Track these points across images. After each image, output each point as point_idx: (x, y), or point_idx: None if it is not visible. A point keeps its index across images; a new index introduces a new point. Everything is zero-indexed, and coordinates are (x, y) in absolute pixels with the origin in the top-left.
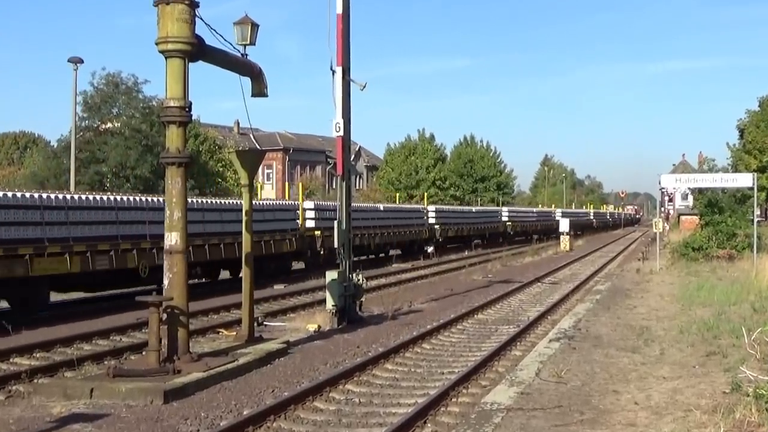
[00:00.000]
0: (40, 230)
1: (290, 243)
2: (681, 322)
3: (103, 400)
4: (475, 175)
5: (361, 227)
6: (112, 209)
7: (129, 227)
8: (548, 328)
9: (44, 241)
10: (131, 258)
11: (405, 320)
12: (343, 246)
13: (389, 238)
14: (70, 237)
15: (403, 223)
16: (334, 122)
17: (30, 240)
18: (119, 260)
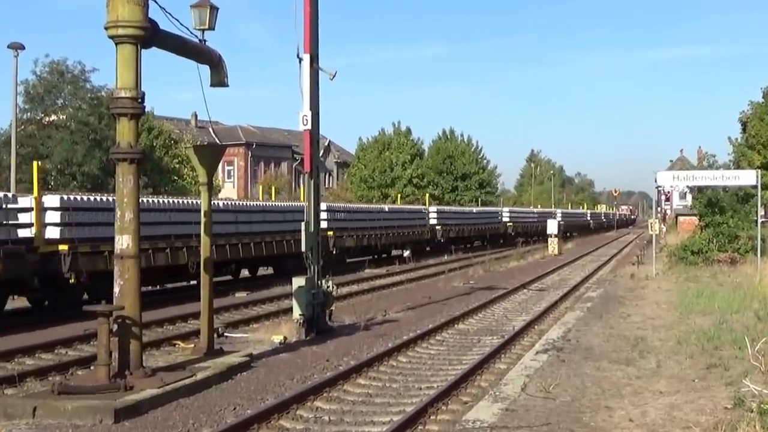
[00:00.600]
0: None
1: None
2: (679, 331)
3: (47, 420)
4: (456, 173)
5: (368, 228)
6: (166, 211)
7: (180, 227)
8: (535, 339)
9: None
10: (182, 255)
11: (379, 331)
12: (311, 250)
13: (394, 239)
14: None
15: (406, 224)
16: (301, 114)
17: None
18: (173, 257)
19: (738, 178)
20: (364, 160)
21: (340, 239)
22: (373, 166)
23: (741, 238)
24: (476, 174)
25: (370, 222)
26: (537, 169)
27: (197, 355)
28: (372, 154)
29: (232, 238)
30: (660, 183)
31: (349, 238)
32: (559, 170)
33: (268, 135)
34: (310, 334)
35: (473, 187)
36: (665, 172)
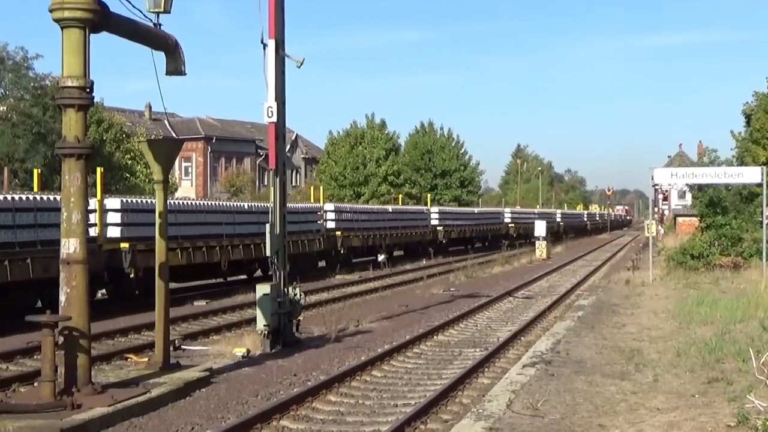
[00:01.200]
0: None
1: (318, 243)
2: (678, 343)
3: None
4: (435, 169)
5: (372, 228)
6: (201, 212)
7: (213, 228)
8: (522, 352)
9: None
10: (215, 253)
11: (351, 342)
12: (276, 254)
13: (397, 239)
14: (179, 236)
15: (408, 224)
16: (265, 106)
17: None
18: (209, 255)
19: (741, 175)
20: (334, 156)
21: (348, 239)
22: (344, 162)
23: (745, 240)
24: (457, 171)
25: (374, 222)
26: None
27: (152, 369)
28: (343, 150)
29: (256, 238)
30: (657, 181)
31: (355, 238)
32: (547, 167)
33: (230, 128)
34: (275, 346)
35: (454, 185)
36: (663, 168)
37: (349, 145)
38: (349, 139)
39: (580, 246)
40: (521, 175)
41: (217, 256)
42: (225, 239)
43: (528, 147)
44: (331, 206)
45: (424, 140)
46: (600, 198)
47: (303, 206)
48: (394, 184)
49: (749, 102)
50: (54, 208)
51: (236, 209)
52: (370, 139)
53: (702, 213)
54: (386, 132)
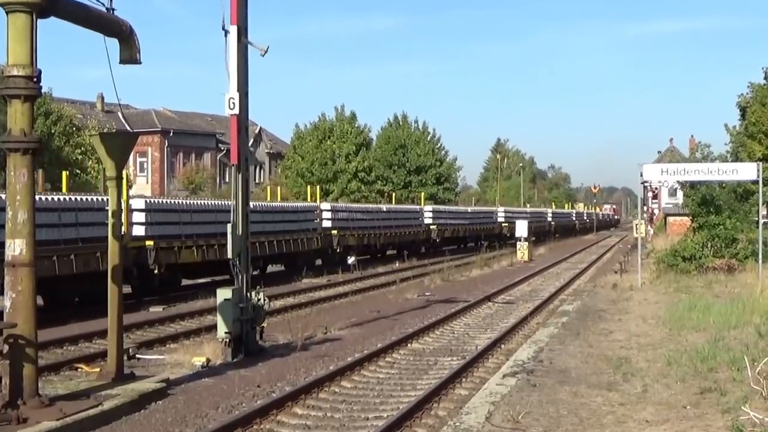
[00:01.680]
0: (180, 228)
1: (316, 241)
2: (668, 350)
3: None
4: (409, 165)
5: (367, 227)
6: (212, 212)
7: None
8: (502, 360)
9: (181, 237)
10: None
11: (319, 351)
12: (239, 256)
13: (391, 239)
14: (194, 234)
15: (402, 223)
16: (227, 97)
17: (176, 236)
18: (221, 253)
19: (736, 171)
20: (301, 151)
21: (344, 237)
22: (311, 157)
23: (740, 241)
24: (433, 167)
25: (369, 222)
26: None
27: (104, 380)
28: (310, 144)
29: (261, 236)
30: (646, 177)
31: (351, 237)
32: (529, 163)
33: (189, 121)
34: (237, 355)
35: (429, 182)
36: (652, 165)
37: (316, 139)
38: (316, 132)
39: (564, 247)
40: (501, 172)
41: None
42: None
43: (509, 142)
44: (328, 205)
45: (398, 134)
46: (586, 196)
47: (301, 205)
48: (365, 181)
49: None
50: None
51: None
52: (339, 133)
53: (694, 212)
54: (356, 125)
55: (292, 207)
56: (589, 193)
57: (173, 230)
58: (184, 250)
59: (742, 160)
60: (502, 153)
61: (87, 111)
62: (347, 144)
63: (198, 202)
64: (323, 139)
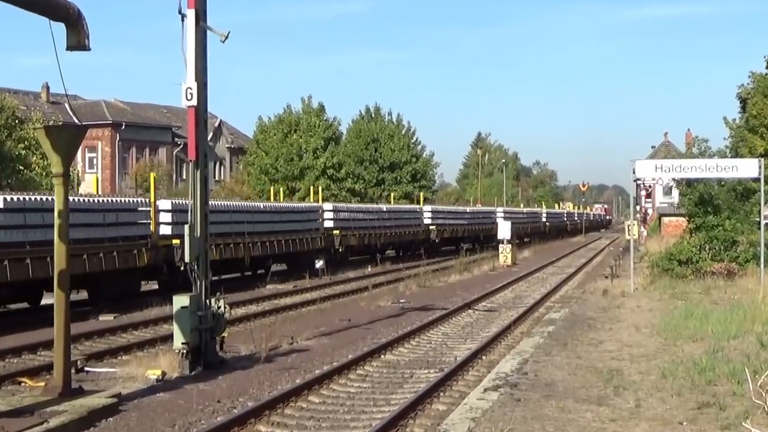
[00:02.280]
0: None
1: (319, 241)
2: (663, 362)
3: None
4: (382, 161)
5: (368, 227)
6: (227, 212)
7: (237, 226)
8: (483, 373)
9: None
10: (239, 250)
11: (284, 363)
12: (197, 260)
13: (391, 238)
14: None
15: (402, 224)
16: (184, 87)
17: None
18: (235, 251)
19: (736, 168)
20: (264, 146)
21: (345, 237)
22: (276, 153)
23: (740, 244)
24: (408, 163)
25: (369, 222)
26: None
27: (50, 396)
28: (275, 138)
29: (270, 236)
30: (639, 175)
31: (352, 237)
32: (512, 158)
33: (142, 113)
34: (195, 367)
35: (404, 179)
36: (646, 161)
37: (281, 132)
38: (281, 126)
39: (551, 250)
40: (482, 168)
41: (241, 252)
42: (247, 237)
43: (490, 136)
44: (330, 206)
45: (370, 128)
46: (574, 195)
47: (305, 205)
48: (334, 179)
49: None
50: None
51: (254, 209)
52: (306, 126)
53: (691, 212)
54: (325, 118)
55: (298, 207)
56: (577, 192)
57: None
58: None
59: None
60: (483, 148)
61: (31, 102)
62: (315, 138)
63: (215, 203)
64: (289, 133)
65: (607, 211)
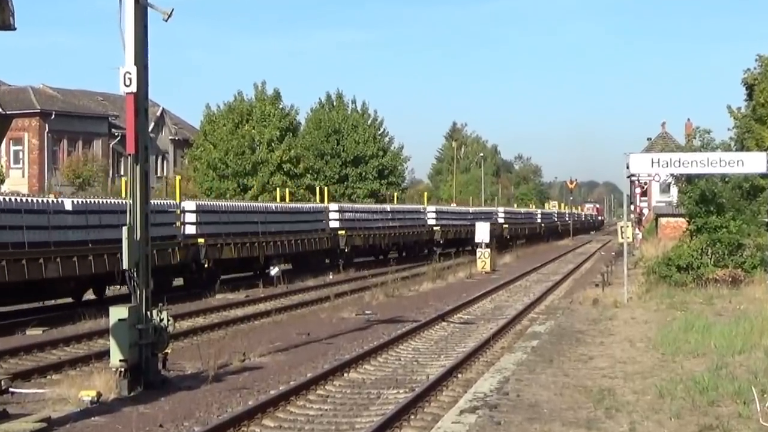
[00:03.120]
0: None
1: (326, 241)
2: (661, 380)
3: None
4: (345, 155)
5: (372, 228)
6: (244, 212)
7: (252, 226)
8: (459, 393)
9: (222, 235)
10: (254, 248)
11: (235, 383)
12: (137, 266)
13: (395, 239)
14: (231, 233)
15: (406, 224)
16: (122, 72)
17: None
18: (251, 250)
19: (742, 163)
20: (212, 138)
21: (351, 238)
22: (225, 145)
23: (746, 248)
24: (374, 158)
25: (374, 222)
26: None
27: None
28: (224, 129)
29: (281, 236)
30: (634, 170)
31: (357, 237)
32: (492, 152)
33: (74, 100)
34: (135, 388)
35: (370, 175)
36: (641, 154)
37: (232, 123)
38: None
39: (534, 255)
40: (458, 163)
41: (256, 251)
42: (261, 236)
43: (467, 127)
44: (335, 206)
45: (331, 117)
46: (561, 193)
47: (312, 206)
48: (291, 174)
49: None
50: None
51: (267, 210)
52: (259, 116)
53: (691, 212)
54: (281, 106)
55: (306, 208)
56: (564, 190)
57: (216, 229)
58: (225, 247)
59: (749, 149)
60: (459, 140)
61: None
62: (269, 129)
63: (232, 204)
64: (240, 124)
65: (599, 211)
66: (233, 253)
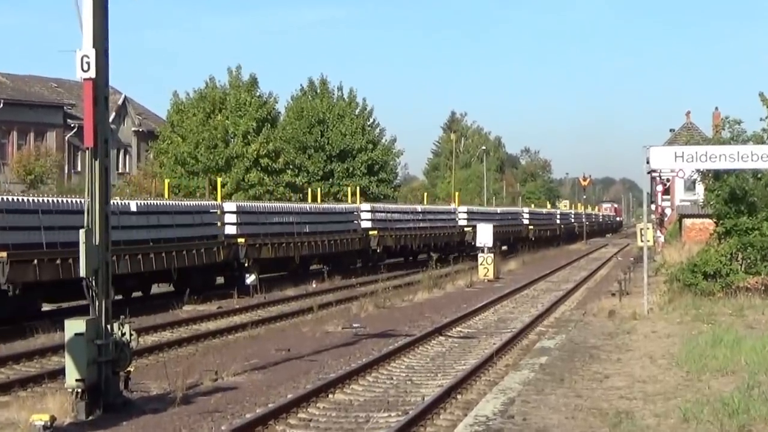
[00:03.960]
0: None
1: (358, 242)
2: (685, 401)
3: None
4: (330, 149)
5: (404, 228)
6: (281, 213)
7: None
8: (458, 417)
9: (260, 235)
10: (290, 248)
11: (207, 405)
12: (96, 274)
13: (426, 240)
14: (268, 233)
15: (437, 225)
16: (78, 55)
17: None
18: (287, 250)
19: None
20: (181, 130)
21: (383, 238)
22: (196, 138)
23: None
24: (363, 151)
25: (405, 223)
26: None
27: None
28: (195, 120)
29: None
30: (654, 165)
31: (389, 237)
32: (495, 145)
33: (25, 87)
34: (94, 411)
35: (358, 171)
36: (663, 147)
37: (203, 113)
38: (203, 104)
39: (543, 261)
40: (457, 157)
41: (292, 251)
42: (296, 237)
43: (467, 117)
44: (367, 206)
45: (314, 106)
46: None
47: (344, 207)
48: (269, 170)
49: None
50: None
51: (301, 210)
52: (234, 105)
53: (720, 212)
54: (258, 94)
55: (338, 209)
56: (577, 187)
57: (255, 230)
58: (263, 247)
59: None
60: (458, 132)
61: None
62: (245, 120)
63: (269, 205)
64: (212, 113)
65: (618, 212)
66: (270, 253)
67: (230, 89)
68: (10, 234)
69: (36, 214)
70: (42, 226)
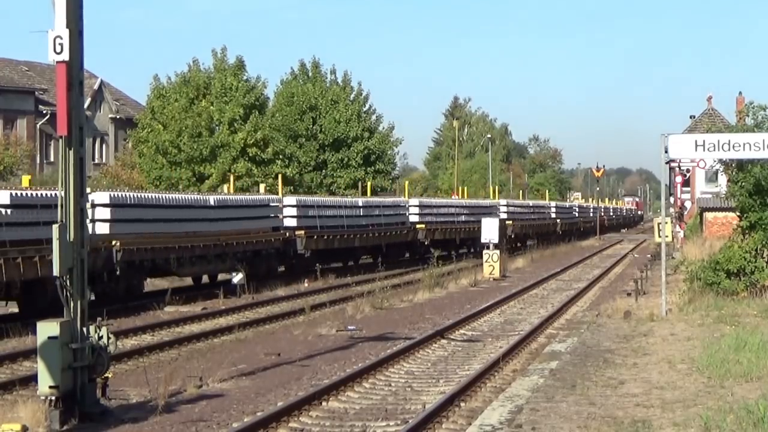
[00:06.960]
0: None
1: (406, 234)
2: (706, 409)
3: None
4: (323, 138)
5: (448, 222)
6: (335, 207)
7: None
8: (461, 426)
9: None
10: (342, 241)
11: (190, 414)
12: (70, 272)
13: (469, 234)
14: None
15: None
16: (51, 36)
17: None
18: (340, 242)
19: None
20: (162, 117)
21: (430, 232)
22: (178, 126)
23: None
24: (359, 140)
25: (449, 217)
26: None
27: None
28: (177, 106)
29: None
30: (673, 154)
31: (436, 231)
32: (501, 133)
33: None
34: (68, 420)
35: (354, 162)
36: (682, 135)
37: (186, 98)
38: (186, 89)
39: (553, 258)
40: (461, 146)
41: (344, 243)
42: (347, 229)
43: (471, 102)
44: (416, 200)
45: (305, 91)
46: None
47: (392, 200)
48: (257, 161)
49: None
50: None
51: (352, 204)
52: (219, 90)
53: (743, 205)
54: (246, 78)
55: (387, 202)
56: (590, 178)
57: (311, 222)
58: (319, 239)
59: None
60: (462, 119)
61: None
62: (231, 106)
63: (324, 199)
64: (196, 99)
65: (639, 206)
66: (319, 244)
67: (215, 73)
68: None
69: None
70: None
